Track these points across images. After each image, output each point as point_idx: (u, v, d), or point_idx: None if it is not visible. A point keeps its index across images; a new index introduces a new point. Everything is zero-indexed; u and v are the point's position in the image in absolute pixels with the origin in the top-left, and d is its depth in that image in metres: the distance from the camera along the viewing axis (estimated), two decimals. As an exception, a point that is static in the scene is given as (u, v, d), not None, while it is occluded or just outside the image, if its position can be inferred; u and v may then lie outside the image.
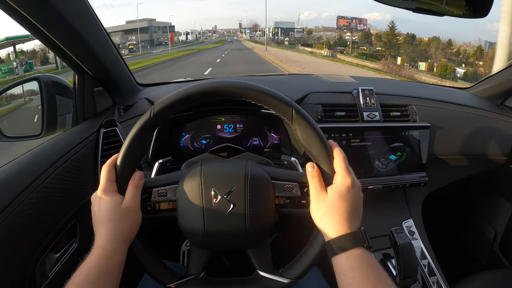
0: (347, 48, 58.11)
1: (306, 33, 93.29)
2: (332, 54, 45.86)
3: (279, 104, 0.57)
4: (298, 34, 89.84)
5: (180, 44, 77.37)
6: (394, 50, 48.21)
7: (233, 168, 0.61)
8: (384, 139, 1.07)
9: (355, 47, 57.55)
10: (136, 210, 0.58)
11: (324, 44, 65.26)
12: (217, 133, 1.14)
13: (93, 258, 0.53)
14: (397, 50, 48.21)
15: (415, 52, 49.07)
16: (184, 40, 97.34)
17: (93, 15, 0.87)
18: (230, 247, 0.64)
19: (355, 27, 59.30)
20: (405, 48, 49.55)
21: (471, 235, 1.49)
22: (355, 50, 54.98)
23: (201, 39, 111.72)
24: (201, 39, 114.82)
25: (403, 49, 48.97)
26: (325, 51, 50.25)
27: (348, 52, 54.89)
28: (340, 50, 54.67)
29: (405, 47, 49.66)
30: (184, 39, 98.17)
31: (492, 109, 1.25)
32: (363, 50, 55.43)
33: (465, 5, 1.03)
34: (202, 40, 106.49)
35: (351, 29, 59.03)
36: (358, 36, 64.09)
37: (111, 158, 0.59)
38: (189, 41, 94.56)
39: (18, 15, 0.70)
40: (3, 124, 1.01)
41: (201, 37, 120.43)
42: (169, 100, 0.57)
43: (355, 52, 53.32)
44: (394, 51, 48.22)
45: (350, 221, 0.54)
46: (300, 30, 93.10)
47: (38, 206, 0.72)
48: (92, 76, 1.00)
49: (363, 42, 60.80)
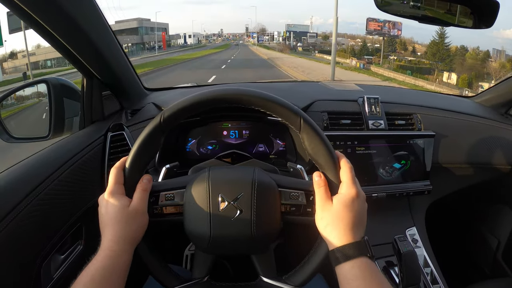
0: (375, 58, 45.06)
1: (322, 38, 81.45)
2: (364, 65, 34.48)
3: (288, 113, 0.58)
4: (311, 39, 78.91)
5: (176, 48, 69.59)
6: (445, 65, 35.44)
7: (241, 175, 0.61)
8: (388, 147, 1.08)
9: (386, 57, 44.00)
10: (143, 213, 0.58)
11: (347, 52, 53.69)
12: (223, 139, 1.14)
13: (99, 259, 0.53)
14: (448, 65, 35.56)
15: (474, 69, 33.73)
16: (182, 43, 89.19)
17: (103, 19, 0.87)
18: (235, 252, 0.65)
19: (387, 32, 43.33)
20: (457, 62, 36.29)
21: (474, 243, 1.48)
22: (386, 61, 42.24)
23: (203, 43, 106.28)
24: (203, 42, 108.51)
25: (455, 63, 35.86)
26: (353, 61, 39.24)
27: (377, 62, 41.89)
28: (367, 60, 42.07)
29: (457, 61, 36.40)
30: (183, 43, 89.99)
31: (496, 118, 1.25)
32: (397, 61, 42.69)
33: (470, 13, 1.03)
34: (204, 44, 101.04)
35: (383, 34, 43.46)
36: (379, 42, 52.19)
37: (120, 161, 0.60)
38: (188, 45, 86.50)
39: (28, 18, 0.70)
40: (11, 125, 1.01)
41: (204, 41, 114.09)
42: (179, 105, 0.58)
43: (387, 63, 40.84)
44: (444, 66, 35.37)
45: (354, 230, 0.55)
46: (313, 35, 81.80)
47: (44, 208, 0.72)
48: (100, 80, 1.01)
49: (387, 50, 45.49)
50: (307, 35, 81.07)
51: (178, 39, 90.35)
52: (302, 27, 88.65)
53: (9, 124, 1.01)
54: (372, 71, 30.03)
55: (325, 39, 79.50)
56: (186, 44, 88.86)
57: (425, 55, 40.18)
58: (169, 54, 41.24)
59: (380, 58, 43.18)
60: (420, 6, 1.03)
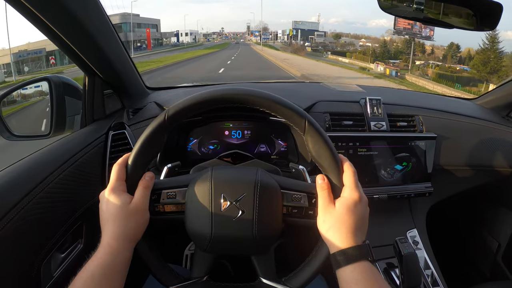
0: (401, 62, 37.56)
1: (333, 37, 73.31)
2: (397, 73, 27.73)
3: (293, 114, 0.58)
4: (319, 38, 71.73)
5: (166, 48, 60.67)
6: (499, 77, 25.23)
7: (243, 175, 0.61)
8: (390, 149, 1.08)
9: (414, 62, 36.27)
10: (144, 210, 0.58)
11: (367, 54, 45.27)
12: (225, 139, 1.14)
13: (99, 256, 0.53)
14: (501, 77, 24.66)
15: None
16: (175, 42, 78.00)
17: (106, 17, 0.87)
18: (236, 253, 0.65)
19: (419, 32, 35.12)
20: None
21: (474, 246, 1.48)
22: (414, 66, 35.06)
23: (200, 42, 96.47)
24: (201, 41, 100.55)
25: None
26: (379, 66, 31.67)
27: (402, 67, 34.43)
28: (393, 64, 35.10)
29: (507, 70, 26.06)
30: (175, 41, 78.49)
31: (497, 120, 1.25)
32: (429, 67, 34.36)
33: (473, 15, 1.03)
34: (201, 43, 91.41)
35: (414, 35, 35.80)
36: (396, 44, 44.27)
37: (122, 157, 0.60)
38: (180, 44, 76.95)
39: (32, 16, 0.70)
40: (12, 123, 1.01)
41: (201, 39, 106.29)
42: (184, 104, 0.58)
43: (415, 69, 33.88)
44: (497, 78, 25.30)
45: (356, 234, 0.55)
46: (321, 34, 74.62)
47: (45, 206, 0.72)
48: (102, 78, 1.01)
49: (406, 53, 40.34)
50: (315, 33, 74.21)
51: (172, 37, 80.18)
52: (310, 25, 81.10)
53: (10, 122, 1.01)
54: (409, 81, 24.70)
55: (336, 39, 71.91)
56: (178, 43, 79.67)
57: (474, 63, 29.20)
58: (146, 57, 30.14)
59: (409, 63, 35.68)
60: (423, 8, 1.03)
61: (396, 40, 43.85)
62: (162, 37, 69.77)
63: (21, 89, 1.07)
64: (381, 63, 34.57)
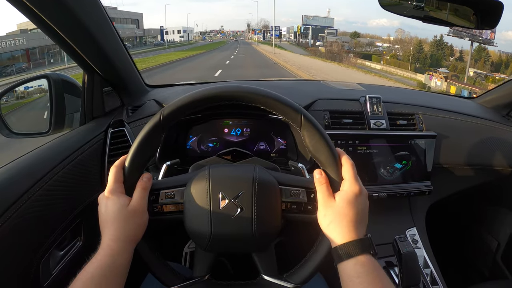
0: (450, 72, 31.09)
1: (350, 36, 62.62)
2: (470, 94, 15.75)
3: (288, 110, 0.58)
4: (331, 37, 61.68)
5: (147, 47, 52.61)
6: None
7: (241, 173, 0.61)
8: (390, 147, 1.07)
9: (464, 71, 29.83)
10: (143, 211, 0.58)
11: (404, 59, 37.95)
12: (224, 136, 1.14)
13: (99, 258, 0.53)
14: None
15: None
16: (158, 42, 65.94)
17: (105, 15, 0.87)
18: (236, 250, 0.65)
19: (479, 34, 28.03)
20: None
21: (474, 245, 1.48)
22: (470, 79, 28.50)
23: (193, 40, 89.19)
24: (196, 39, 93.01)
25: None
26: (434, 79, 24.39)
27: (449, 77, 28.17)
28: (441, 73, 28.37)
29: None
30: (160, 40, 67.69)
31: (498, 119, 1.25)
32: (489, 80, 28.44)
33: (473, 14, 1.03)
34: (194, 41, 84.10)
35: (475, 37, 29.03)
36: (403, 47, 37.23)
37: (119, 159, 0.60)
38: (163, 43, 65.02)
39: (30, 13, 0.70)
40: (11, 121, 1.01)
41: (196, 38, 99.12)
42: (179, 103, 0.58)
43: (471, 81, 27.84)
44: None
45: (357, 227, 0.55)
46: (333, 32, 64.67)
47: (44, 203, 0.72)
48: (101, 75, 1.00)
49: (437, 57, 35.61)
50: (325, 31, 64.17)
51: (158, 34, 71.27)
52: (323, 20, 67.18)
53: (10, 119, 1.01)
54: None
55: (354, 37, 59.66)
56: (162, 41, 67.91)
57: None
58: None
59: (462, 72, 29.02)
60: (423, 7, 1.02)
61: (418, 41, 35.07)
62: (145, 34, 62.13)
63: (20, 87, 1.06)
64: (435, 74, 27.39)
